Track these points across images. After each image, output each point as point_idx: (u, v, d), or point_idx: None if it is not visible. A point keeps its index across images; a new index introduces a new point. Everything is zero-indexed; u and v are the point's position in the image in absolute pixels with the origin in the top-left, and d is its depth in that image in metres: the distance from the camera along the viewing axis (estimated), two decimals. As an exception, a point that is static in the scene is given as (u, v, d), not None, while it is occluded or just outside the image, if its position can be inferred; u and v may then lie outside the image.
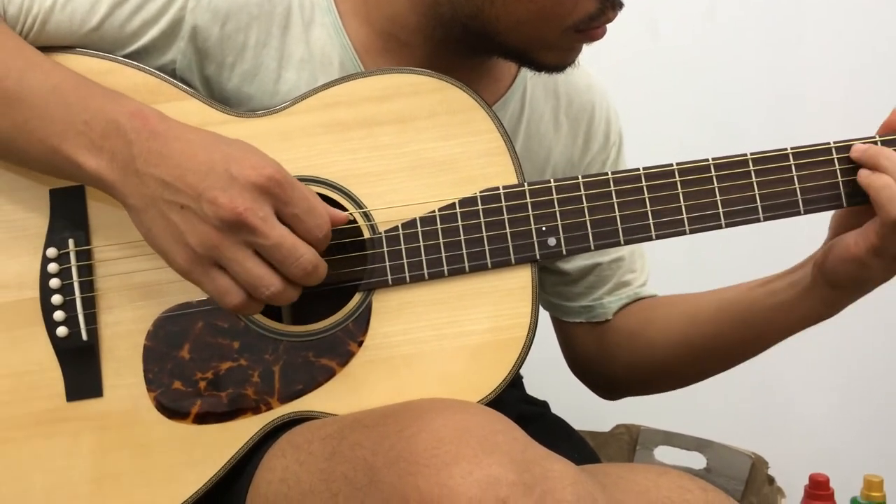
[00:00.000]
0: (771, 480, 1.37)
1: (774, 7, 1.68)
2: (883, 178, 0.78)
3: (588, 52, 0.87)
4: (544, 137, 0.98)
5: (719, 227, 0.80)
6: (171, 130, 0.75)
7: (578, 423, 1.15)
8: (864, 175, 0.79)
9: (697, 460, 1.43)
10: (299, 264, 0.72)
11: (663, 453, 1.46)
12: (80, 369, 0.79)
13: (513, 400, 0.99)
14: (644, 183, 0.80)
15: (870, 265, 0.79)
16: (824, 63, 1.69)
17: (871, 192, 0.78)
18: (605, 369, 1.05)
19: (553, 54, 0.86)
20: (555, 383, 1.13)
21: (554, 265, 1.03)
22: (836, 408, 1.74)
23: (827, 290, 0.84)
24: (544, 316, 1.08)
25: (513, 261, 0.80)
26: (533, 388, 1.10)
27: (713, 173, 0.80)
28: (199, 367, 0.79)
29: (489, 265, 0.80)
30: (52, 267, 0.80)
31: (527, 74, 0.96)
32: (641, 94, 1.61)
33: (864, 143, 0.81)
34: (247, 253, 0.72)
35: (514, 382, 1.00)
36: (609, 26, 0.84)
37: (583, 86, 1.01)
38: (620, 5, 0.83)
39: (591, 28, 0.83)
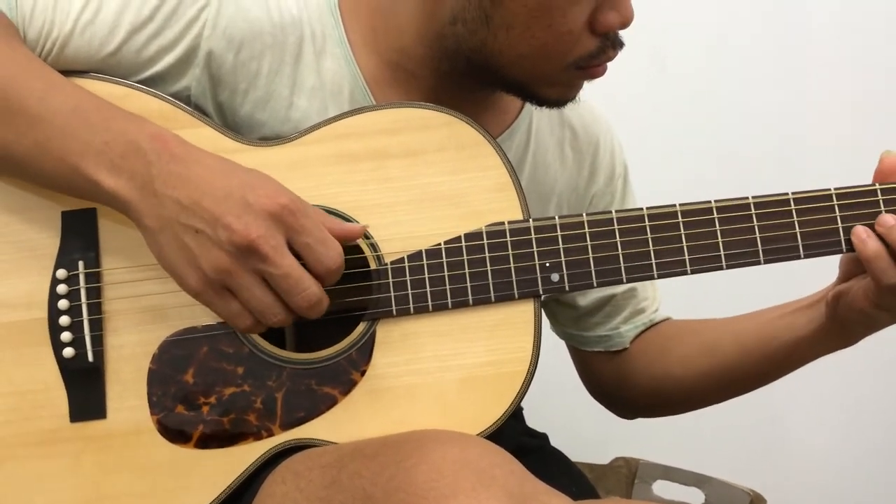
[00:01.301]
0: (768, 518, 1.37)
1: (781, 39, 1.70)
2: (871, 247, 0.80)
3: (595, 83, 0.89)
4: (550, 168, 0.99)
5: (720, 268, 0.81)
6: (191, 155, 0.76)
7: (577, 454, 1.15)
8: (858, 245, 0.80)
9: (695, 496, 1.42)
10: (304, 297, 0.73)
11: (662, 488, 1.46)
12: (85, 390, 0.80)
13: (512, 431, 0.99)
14: (647, 223, 0.81)
15: (877, 317, 0.83)
16: (831, 94, 1.70)
17: (861, 259, 0.80)
18: (624, 394, 1.06)
19: (554, 90, 0.87)
20: (555, 414, 1.13)
21: (570, 299, 1.04)
22: (835, 445, 1.74)
23: (840, 329, 0.86)
24: (546, 347, 1.08)
25: (516, 295, 0.81)
26: (533, 418, 1.10)
27: (715, 216, 0.81)
28: (203, 392, 0.80)
29: (493, 299, 0.81)
30: (62, 288, 0.80)
31: (532, 107, 0.98)
32: (649, 126, 1.62)
33: (863, 190, 0.82)
34: (255, 280, 0.73)
35: (515, 414, 1.00)
36: (617, 59, 0.85)
37: (587, 118, 1.03)
38: (621, 45, 0.84)
39: (592, 66, 0.84)
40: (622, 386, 1.05)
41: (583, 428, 1.16)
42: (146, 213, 0.75)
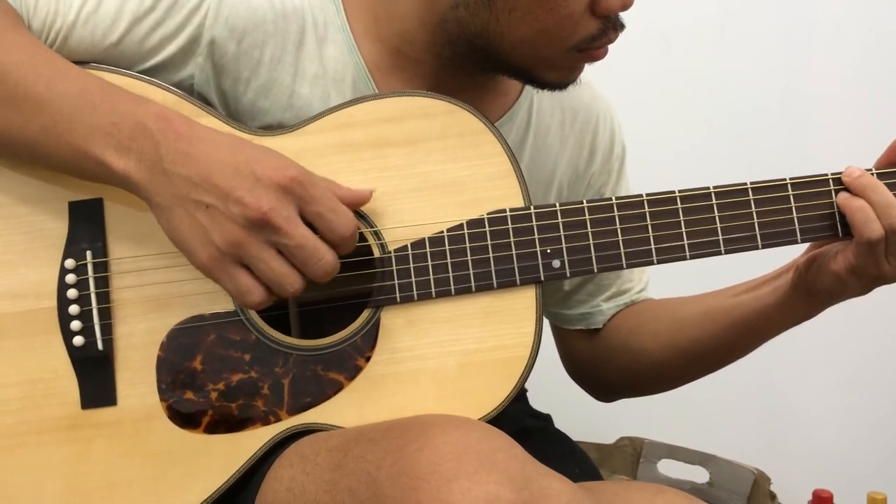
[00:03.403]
0: (773, 496, 1.38)
1: (784, 23, 1.69)
2: (859, 201, 0.81)
3: (600, 67, 0.89)
4: (551, 149, 1.00)
5: (719, 253, 0.82)
6: (196, 132, 0.77)
7: (583, 434, 1.16)
8: (842, 198, 0.83)
9: (700, 474, 1.44)
10: (320, 265, 0.74)
11: (667, 467, 1.47)
12: (95, 378, 0.81)
13: (516, 413, 1.01)
14: (647, 209, 0.82)
15: (847, 282, 0.84)
16: (834, 80, 1.70)
17: (847, 214, 0.82)
18: (600, 372, 1.07)
19: (555, 73, 0.88)
20: (560, 395, 1.14)
21: None
22: (840, 425, 1.75)
23: (804, 296, 0.88)
24: (548, 330, 1.09)
25: (518, 281, 0.82)
26: (538, 399, 1.11)
27: (714, 201, 0.82)
28: (211, 378, 0.81)
29: (495, 285, 0.82)
30: (70, 278, 0.81)
31: (533, 88, 0.98)
32: (653, 110, 1.62)
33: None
34: (271, 252, 0.74)
35: (519, 396, 1.01)
36: (621, 42, 0.86)
37: (587, 98, 1.03)
38: (622, 26, 0.85)
39: (593, 48, 0.85)
40: (599, 364, 1.06)
41: (588, 408, 1.17)
42: (156, 192, 0.76)
